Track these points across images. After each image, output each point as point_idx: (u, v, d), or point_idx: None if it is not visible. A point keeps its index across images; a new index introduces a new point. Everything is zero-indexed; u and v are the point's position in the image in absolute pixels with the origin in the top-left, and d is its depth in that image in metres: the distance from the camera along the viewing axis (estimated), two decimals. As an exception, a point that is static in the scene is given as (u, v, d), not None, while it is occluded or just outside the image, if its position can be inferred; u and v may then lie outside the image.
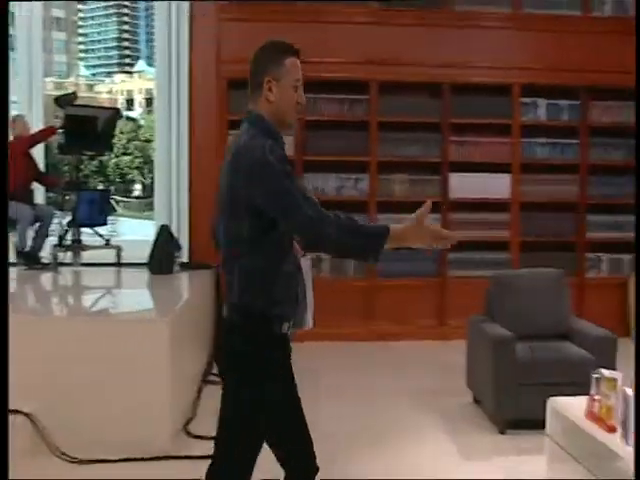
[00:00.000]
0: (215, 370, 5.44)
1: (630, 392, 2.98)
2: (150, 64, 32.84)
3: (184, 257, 6.40)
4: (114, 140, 7.18)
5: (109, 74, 38.86)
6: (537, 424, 3.77)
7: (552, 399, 3.62)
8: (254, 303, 2.11)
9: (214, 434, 2.24)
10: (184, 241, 6.59)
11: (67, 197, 6.26)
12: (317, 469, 2.29)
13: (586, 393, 3.37)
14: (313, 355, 6.09)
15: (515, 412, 4.15)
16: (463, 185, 6.91)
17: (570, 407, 3.47)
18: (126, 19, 44.47)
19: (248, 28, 6.49)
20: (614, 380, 3.19)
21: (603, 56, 6.97)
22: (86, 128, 6.10)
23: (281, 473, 2.31)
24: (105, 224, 6.45)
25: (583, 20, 7.04)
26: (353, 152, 6.80)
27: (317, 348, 6.29)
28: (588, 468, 3.36)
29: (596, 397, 3.26)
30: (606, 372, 3.25)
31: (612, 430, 3.10)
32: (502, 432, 4.19)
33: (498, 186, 6.96)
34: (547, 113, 7.08)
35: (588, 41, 6.98)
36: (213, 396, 4.78)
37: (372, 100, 6.75)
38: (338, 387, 5.17)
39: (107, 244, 6.33)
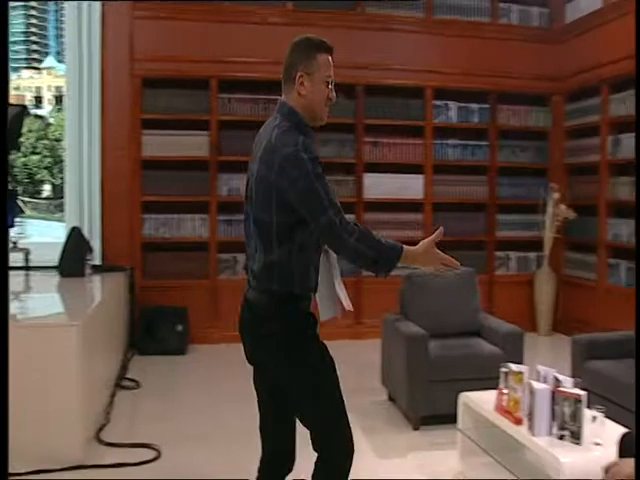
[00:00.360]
0: (130, 375, 5.33)
1: (536, 385, 3.09)
2: (60, 60, 31.81)
3: (96, 259, 6.24)
4: (21, 139, 6.91)
5: (16, 69, 37.45)
6: (450, 419, 3.85)
7: (463, 394, 3.70)
8: (292, 289, 2.21)
9: (128, 441, 2.19)
10: (96, 243, 6.42)
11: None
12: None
13: (496, 387, 3.48)
14: (228, 356, 6.06)
15: (428, 408, 4.25)
16: (377, 186, 7.02)
17: (480, 401, 3.56)
18: (34, 12, 42.94)
19: (162, 26, 6.40)
20: (521, 374, 3.29)
21: (511, 62, 7.26)
22: (-10, 125, 5.84)
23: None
24: (12, 226, 6.20)
25: (492, 27, 7.29)
26: (269, 152, 6.77)
27: (231, 349, 6.26)
28: (498, 460, 3.46)
29: (504, 391, 3.36)
30: (513, 366, 3.36)
31: (519, 422, 3.20)
32: (416, 428, 4.28)
33: (411, 187, 7.11)
34: (458, 116, 7.29)
35: (497, 47, 7.24)
36: (127, 401, 4.77)
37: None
38: (250, 390, 5.14)
39: (14, 247, 6.08)
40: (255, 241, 2.26)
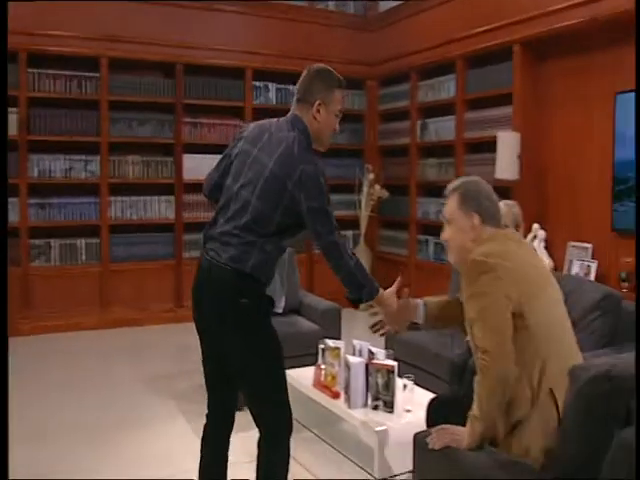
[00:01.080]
0: None
1: (351, 359, 3.20)
2: None
3: None
4: None
5: None
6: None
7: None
8: (260, 275, 2.41)
9: None
10: None
11: None
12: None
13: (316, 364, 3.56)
14: (43, 348, 5.73)
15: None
16: (197, 167, 6.89)
17: (299, 378, 3.64)
18: None
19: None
20: (337, 349, 3.40)
21: (328, 46, 7.41)
22: None
23: None
24: None
25: (310, 11, 7.41)
26: (83, 132, 6.44)
27: (48, 340, 5.93)
28: (317, 434, 3.56)
29: (322, 366, 3.46)
30: (330, 342, 3.46)
31: (336, 396, 3.31)
32: (240, 409, 4.26)
33: (232, 168, 7.06)
34: (277, 97, 7.33)
35: (315, 31, 7.37)
36: None
37: (103, 78, 6.43)
38: (73, 379, 4.92)
39: None
40: (239, 219, 2.41)
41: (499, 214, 2.41)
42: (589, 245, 5.19)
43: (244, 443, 3.27)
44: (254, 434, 2.58)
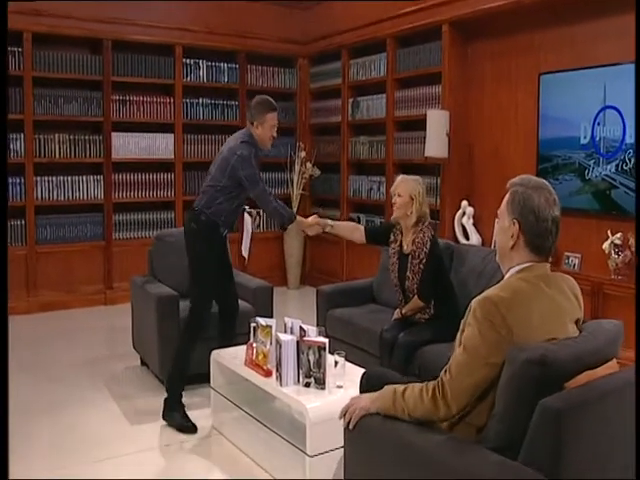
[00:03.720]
0: None
1: (282, 337, 3.20)
2: None
3: None
4: None
5: None
6: (204, 378, 3.88)
7: (214, 352, 3.73)
8: (214, 218, 3.84)
9: None
10: None
11: None
12: (237, 308, 4.20)
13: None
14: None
15: (182, 369, 4.23)
16: (126, 145, 6.77)
17: (231, 357, 3.62)
18: None
19: None
20: (269, 327, 3.40)
21: (259, 24, 7.35)
22: None
23: None
24: None
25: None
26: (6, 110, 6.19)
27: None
28: (250, 413, 3.56)
29: (254, 345, 3.45)
30: (262, 320, 3.45)
31: (268, 374, 3.31)
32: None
33: (162, 146, 6.96)
34: (208, 75, 7.23)
35: (245, 9, 7.27)
36: None
37: (26, 53, 6.19)
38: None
39: None
40: (208, 188, 3.88)
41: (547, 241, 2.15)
42: (515, 221, 5.32)
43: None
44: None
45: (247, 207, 4.26)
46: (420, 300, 3.83)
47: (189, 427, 3.70)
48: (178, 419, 3.74)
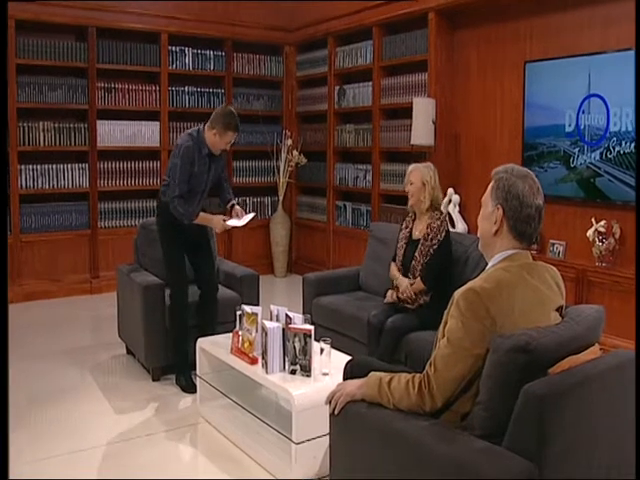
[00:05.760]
0: None
1: (268, 324, 3.20)
2: None
3: None
4: None
5: None
6: (192, 366, 3.88)
7: (200, 340, 3.73)
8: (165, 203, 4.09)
9: None
10: None
11: None
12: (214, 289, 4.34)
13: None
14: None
15: (167, 357, 4.23)
16: (111, 133, 6.73)
17: (217, 345, 3.62)
18: None
19: None
20: (255, 315, 3.39)
21: (245, 11, 7.30)
22: None
23: None
24: None
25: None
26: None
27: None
28: (236, 400, 3.57)
29: (240, 332, 3.45)
30: (247, 308, 3.45)
31: (254, 362, 3.31)
32: (156, 379, 4.25)
33: (147, 134, 6.92)
34: (194, 62, 7.18)
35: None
36: None
37: (10, 40, 6.11)
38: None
39: None
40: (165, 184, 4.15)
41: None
42: (501, 209, 5.34)
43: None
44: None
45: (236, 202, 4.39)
46: (422, 283, 3.86)
47: (189, 387, 4.02)
48: (182, 381, 4.07)
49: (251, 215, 4.29)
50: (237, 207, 4.28)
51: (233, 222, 4.19)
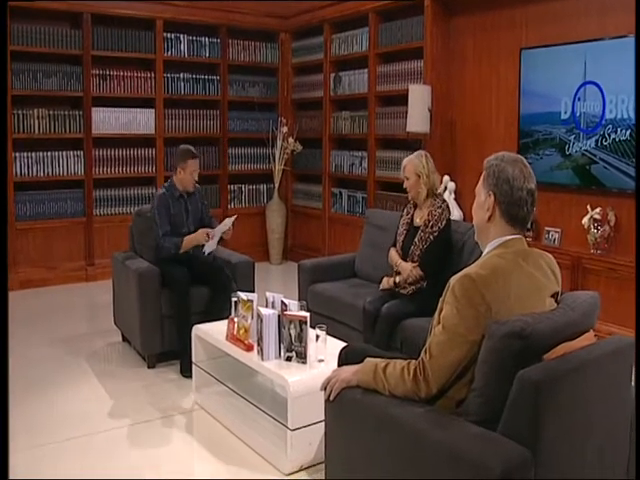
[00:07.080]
0: None
1: (264, 311, 3.21)
2: None
3: None
4: None
5: None
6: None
7: (196, 327, 3.73)
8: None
9: None
10: None
11: None
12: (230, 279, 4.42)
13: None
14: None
15: (163, 345, 4.24)
16: (106, 121, 6.69)
17: (212, 332, 3.62)
18: None
19: None
20: (250, 302, 3.39)
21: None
22: None
23: None
24: None
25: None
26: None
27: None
28: (231, 387, 3.58)
29: (235, 319, 3.45)
30: (243, 295, 3.45)
31: (250, 349, 3.32)
32: (152, 367, 4.25)
33: (143, 122, 6.89)
34: (189, 49, 7.15)
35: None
36: None
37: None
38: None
39: None
40: None
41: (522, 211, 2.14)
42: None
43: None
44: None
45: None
46: (420, 268, 3.86)
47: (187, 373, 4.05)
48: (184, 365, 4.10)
49: (226, 223, 4.39)
50: (210, 230, 4.39)
51: (208, 247, 4.40)
